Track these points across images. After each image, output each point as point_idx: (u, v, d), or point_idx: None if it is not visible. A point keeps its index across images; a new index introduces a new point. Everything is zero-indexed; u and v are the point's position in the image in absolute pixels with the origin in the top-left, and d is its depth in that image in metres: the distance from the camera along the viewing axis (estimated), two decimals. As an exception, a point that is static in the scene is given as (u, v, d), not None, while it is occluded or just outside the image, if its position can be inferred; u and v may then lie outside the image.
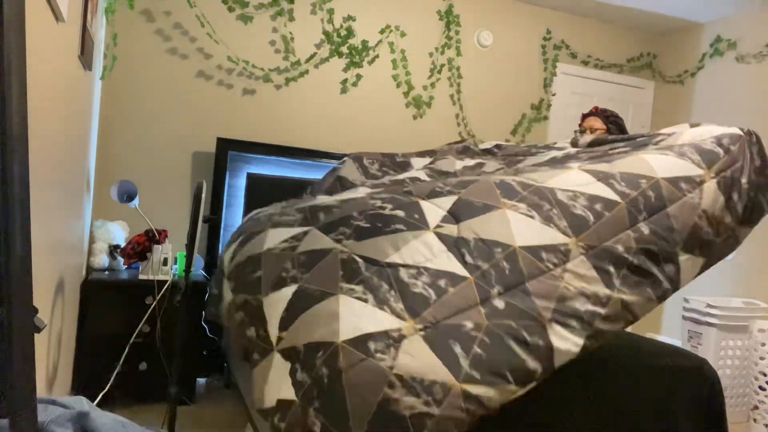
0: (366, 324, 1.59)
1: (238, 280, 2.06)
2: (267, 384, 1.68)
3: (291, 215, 2.25)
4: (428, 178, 2.84)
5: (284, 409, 1.57)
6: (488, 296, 1.68)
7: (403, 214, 1.95)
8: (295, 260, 1.91)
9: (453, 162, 2.96)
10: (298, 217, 2.22)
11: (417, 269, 1.75)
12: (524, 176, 2.08)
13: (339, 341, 1.56)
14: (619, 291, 1.77)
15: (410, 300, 1.66)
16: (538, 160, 2.58)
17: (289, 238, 2.06)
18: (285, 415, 1.56)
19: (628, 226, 1.87)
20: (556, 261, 1.77)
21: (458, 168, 2.89)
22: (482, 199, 1.95)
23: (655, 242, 1.88)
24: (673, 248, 1.90)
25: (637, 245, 1.85)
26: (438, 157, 3.07)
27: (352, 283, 1.73)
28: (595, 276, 1.77)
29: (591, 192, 1.94)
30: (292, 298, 1.77)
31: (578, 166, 2.10)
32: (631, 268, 1.82)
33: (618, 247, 1.82)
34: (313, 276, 1.80)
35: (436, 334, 1.58)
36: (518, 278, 1.72)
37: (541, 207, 1.89)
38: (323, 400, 1.50)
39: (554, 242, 1.81)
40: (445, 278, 1.72)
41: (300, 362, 1.62)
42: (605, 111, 3.10)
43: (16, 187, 0.64)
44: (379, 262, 1.79)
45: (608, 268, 1.79)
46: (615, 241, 1.83)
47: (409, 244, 1.84)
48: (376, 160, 3.06)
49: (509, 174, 2.31)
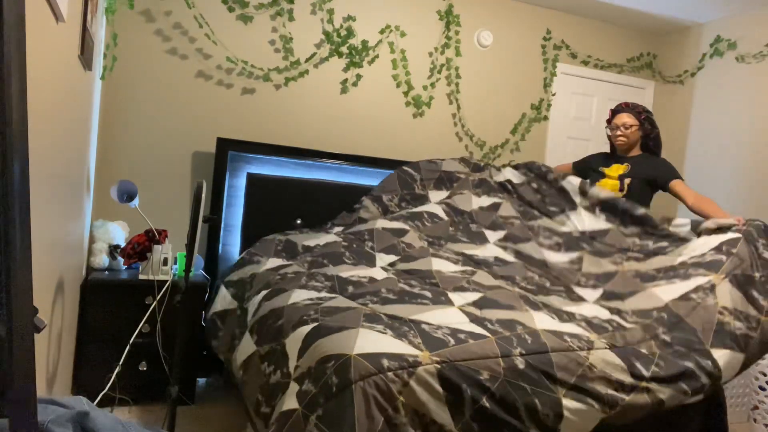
0: (383, 346, 1.63)
1: (261, 333, 2.10)
2: (276, 411, 1.67)
3: (319, 282, 2.34)
4: (445, 215, 3.06)
5: (283, 420, 1.56)
6: (510, 354, 1.71)
7: (430, 295, 2.10)
8: (319, 310, 1.99)
9: (470, 199, 3.12)
10: (326, 284, 2.31)
11: (439, 326, 1.83)
12: (542, 298, 2.27)
13: (353, 353, 1.57)
14: (649, 383, 1.83)
15: (430, 339, 1.71)
16: (552, 226, 2.80)
17: (315, 298, 2.15)
18: (283, 426, 1.54)
19: (649, 338, 2.00)
20: (581, 345, 1.85)
21: (475, 208, 3.08)
22: (507, 301, 2.10)
23: (678, 342, 1.98)
24: (701, 345, 1.98)
25: (660, 350, 1.96)
26: (455, 191, 3.22)
27: (374, 323, 1.79)
28: (622, 365, 1.83)
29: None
30: (311, 331, 1.81)
31: (594, 300, 2.31)
32: (659, 365, 1.89)
33: (642, 349, 1.93)
34: (334, 319, 1.87)
35: (450, 372, 1.59)
36: (541, 347, 1.77)
37: (561, 316, 2.09)
38: (327, 409, 1.48)
39: (578, 333, 1.93)
40: (465, 333, 1.78)
41: (309, 376, 1.61)
42: (636, 107, 3.09)
43: (17, 186, 0.64)
44: (402, 318, 1.88)
45: (636, 364, 1.86)
46: (638, 344, 1.95)
47: (434, 311, 1.95)
48: (395, 194, 3.23)
49: (523, 233, 2.76)
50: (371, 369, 1.52)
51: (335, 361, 1.56)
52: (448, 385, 1.57)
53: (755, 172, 3.80)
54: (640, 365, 1.85)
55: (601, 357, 1.81)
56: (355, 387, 1.48)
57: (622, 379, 1.79)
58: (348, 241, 2.86)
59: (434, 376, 1.57)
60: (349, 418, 1.44)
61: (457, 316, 1.92)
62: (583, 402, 1.70)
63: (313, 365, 1.63)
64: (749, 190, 3.82)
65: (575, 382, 1.72)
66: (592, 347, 1.84)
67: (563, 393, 1.69)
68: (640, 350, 1.91)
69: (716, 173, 4.06)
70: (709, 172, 4.12)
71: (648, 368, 1.85)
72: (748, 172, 3.84)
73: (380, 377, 1.51)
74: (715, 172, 4.07)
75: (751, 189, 3.81)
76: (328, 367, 1.56)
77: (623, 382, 1.79)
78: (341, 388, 1.49)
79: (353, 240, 2.89)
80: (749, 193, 3.82)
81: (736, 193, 3.90)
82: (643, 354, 1.90)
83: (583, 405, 1.70)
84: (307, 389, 1.57)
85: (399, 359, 1.57)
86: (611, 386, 1.77)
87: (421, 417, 1.53)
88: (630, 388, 1.79)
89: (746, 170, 3.85)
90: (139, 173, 3.24)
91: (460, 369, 1.60)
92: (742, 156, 3.89)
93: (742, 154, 3.89)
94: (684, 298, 2.10)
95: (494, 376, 1.63)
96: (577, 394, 1.71)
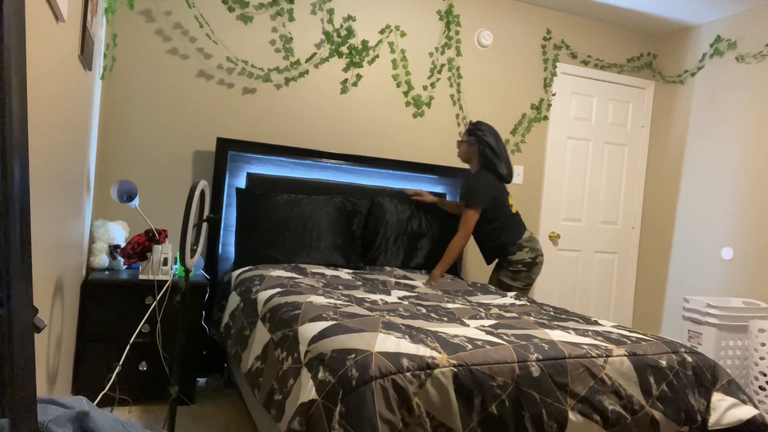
0: (402, 348, 1.66)
1: (274, 321, 2.12)
2: (290, 399, 1.67)
3: (335, 296, 2.40)
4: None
5: (303, 411, 1.55)
6: (526, 359, 1.73)
7: (446, 319, 2.15)
8: (338, 312, 2.04)
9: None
10: (343, 298, 2.37)
11: (456, 335, 1.86)
12: (558, 323, 2.29)
13: (374, 350, 1.60)
14: (653, 406, 1.86)
15: (447, 344, 1.74)
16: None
17: (332, 304, 2.20)
18: (305, 417, 1.54)
19: (670, 351, 2.06)
20: (599, 353, 1.87)
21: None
22: (523, 325, 2.14)
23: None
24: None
25: (679, 366, 2.03)
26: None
27: (391, 330, 1.83)
28: (635, 378, 1.86)
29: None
30: (330, 326, 1.84)
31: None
32: (671, 385, 1.94)
33: (662, 362, 1.96)
34: (353, 321, 1.92)
35: (466, 375, 1.61)
36: (558, 353, 1.79)
37: (578, 331, 2.14)
38: (348, 404, 1.47)
39: (597, 343, 1.95)
40: (482, 341, 1.81)
41: (324, 364, 1.61)
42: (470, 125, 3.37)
43: (17, 186, 0.64)
44: (418, 327, 1.92)
45: (650, 378, 1.90)
46: (658, 357, 1.99)
47: (450, 326, 2.00)
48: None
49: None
50: (391, 368, 1.53)
51: (356, 354, 1.57)
52: (462, 390, 1.58)
53: (755, 171, 3.80)
54: (653, 380, 1.88)
55: (617, 367, 1.84)
56: (375, 384, 1.48)
57: (631, 394, 1.82)
58: (360, 279, 2.98)
59: (450, 379, 1.58)
60: (370, 416, 1.43)
61: (474, 331, 1.96)
62: (589, 417, 1.73)
63: (327, 353, 1.64)
64: (749, 190, 3.82)
65: (586, 394, 1.74)
66: (611, 354, 1.87)
67: (571, 405, 1.71)
68: (660, 362, 1.94)
69: (716, 173, 4.06)
70: (708, 172, 4.12)
71: (659, 385, 1.88)
72: (748, 171, 3.84)
73: (399, 376, 1.52)
74: (715, 172, 4.07)
75: (751, 189, 3.81)
76: (349, 359, 1.56)
77: (632, 399, 1.82)
78: (361, 383, 1.49)
79: (365, 279, 3.00)
80: (749, 193, 3.82)
81: (736, 194, 3.90)
82: (661, 367, 1.93)
83: (588, 420, 1.72)
84: (324, 379, 1.56)
85: (418, 360, 1.59)
86: (620, 402, 1.79)
87: (432, 419, 1.54)
88: (636, 410, 1.82)
89: (746, 170, 3.85)
90: (139, 173, 3.24)
91: (475, 373, 1.61)
92: (742, 156, 3.89)
93: (742, 154, 3.89)
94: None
95: (507, 383, 1.64)
96: (585, 408, 1.73)
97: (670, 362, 1.96)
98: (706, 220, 4.10)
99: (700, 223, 4.15)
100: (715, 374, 2.04)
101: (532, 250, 3.21)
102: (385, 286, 2.85)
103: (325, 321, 1.89)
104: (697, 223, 4.16)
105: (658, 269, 4.46)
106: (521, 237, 3.23)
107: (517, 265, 3.20)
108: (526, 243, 3.22)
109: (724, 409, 1.99)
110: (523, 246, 3.21)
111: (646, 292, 4.55)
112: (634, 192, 4.63)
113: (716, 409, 1.99)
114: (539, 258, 3.23)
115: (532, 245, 3.23)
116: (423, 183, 3.86)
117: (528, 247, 3.21)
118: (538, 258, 3.22)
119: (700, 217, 4.15)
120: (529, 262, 3.20)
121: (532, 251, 3.21)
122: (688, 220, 4.24)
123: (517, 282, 3.22)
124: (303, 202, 3.26)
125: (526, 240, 3.23)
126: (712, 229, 4.05)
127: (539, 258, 3.23)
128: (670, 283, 4.35)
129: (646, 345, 2.01)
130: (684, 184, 4.30)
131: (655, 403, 1.86)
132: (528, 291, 3.29)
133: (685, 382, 1.96)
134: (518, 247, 3.20)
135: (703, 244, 4.11)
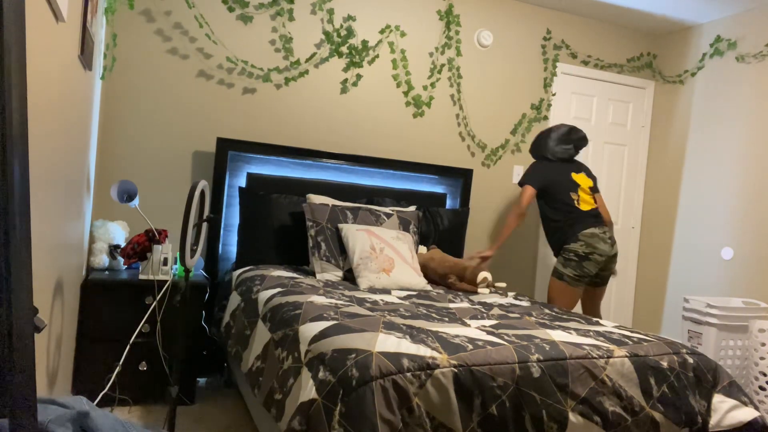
0: (403, 348, 1.66)
1: (274, 320, 2.13)
2: (290, 398, 1.67)
3: (336, 296, 2.41)
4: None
5: (303, 410, 1.55)
6: (527, 360, 1.73)
7: (447, 319, 2.16)
8: (339, 312, 2.05)
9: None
10: (344, 298, 2.39)
11: (457, 335, 1.86)
12: (560, 324, 2.29)
13: (375, 350, 1.60)
14: (653, 407, 1.86)
15: (448, 345, 1.74)
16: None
17: (333, 304, 2.22)
18: (305, 417, 1.54)
19: (672, 352, 2.07)
20: (600, 353, 1.87)
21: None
22: (524, 325, 2.15)
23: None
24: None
25: (680, 368, 2.05)
26: None
27: (392, 330, 1.83)
28: (636, 379, 1.87)
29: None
30: (331, 326, 1.84)
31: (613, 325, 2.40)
32: (672, 387, 1.95)
33: (663, 363, 1.97)
34: (354, 321, 1.93)
35: (466, 376, 1.61)
36: (559, 354, 1.79)
37: (579, 331, 2.14)
38: (348, 404, 1.47)
39: (598, 344, 1.96)
40: (483, 341, 1.81)
41: (324, 364, 1.61)
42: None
43: (17, 186, 0.64)
44: (419, 327, 1.93)
45: (650, 380, 1.90)
46: (659, 359, 2.00)
47: (452, 326, 2.01)
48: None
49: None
50: (392, 368, 1.53)
51: (357, 354, 1.58)
52: (462, 390, 1.58)
53: (755, 171, 3.79)
54: (654, 381, 1.88)
55: (618, 368, 1.84)
56: (375, 384, 1.48)
57: (632, 395, 1.82)
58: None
59: (450, 379, 1.58)
60: (370, 416, 1.43)
61: (475, 331, 1.96)
62: (589, 418, 1.73)
63: (327, 352, 1.64)
64: (749, 190, 3.82)
65: (586, 395, 1.74)
66: (612, 355, 1.87)
67: (572, 406, 1.71)
68: (661, 364, 1.94)
69: (716, 173, 4.06)
70: (709, 172, 4.12)
71: (660, 386, 1.88)
72: (748, 171, 3.84)
73: (400, 377, 1.52)
74: (715, 172, 4.07)
75: (751, 189, 3.81)
76: (349, 358, 1.56)
77: (632, 400, 1.82)
78: (361, 383, 1.49)
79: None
80: (749, 193, 3.82)
81: (737, 194, 3.90)
82: (662, 368, 1.93)
83: (588, 421, 1.72)
84: (324, 378, 1.56)
85: (419, 360, 1.59)
86: (620, 403, 1.79)
87: (432, 419, 1.54)
88: (636, 412, 1.82)
89: (746, 170, 3.85)
90: (139, 173, 3.24)
91: (475, 374, 1.61)
92: (743, 156, 3.89)
93: (743, 154, 3.89)
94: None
95: (507, 383, 1.64)
96: (585, 409, 1.73)
97: (671, 363, 1.96)
98: (706, 220, 4.10)
99: (700, 223, 4.15)
100: (716, 376, 2.04)
101: (588, 245, 3.37)
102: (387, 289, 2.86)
103: (325, 321, 1.90)
104: (697, 223, 4.16)
105: (658, 269, 4.45)
106: (582, 231, 3.41)
107: (569, 253, 3.42)
108: (585, 237, 3.39)
109: (724, 411, 1.99)
110: (580, 239, 3.40)
111: (646, 292, 4.55)
112: (634, 192, 4.63)
113: (717, 410, 1.99)
114: (594, 255, 3.37)
115: (591, 242, 3.38)
116: (423, 183, 3.86)
117: (585, 242, 3.38)
118: (593, 255, 3.37)
119: (700, 217, 4.14)
120: (582, 255, 3.38)
121: (588, 246, 3.38)
122: (688, 220, 4.24)
123: (567, 269, 3.41)
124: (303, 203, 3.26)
125: (586, 235, 3.40)
126: (712, 229, 4.05)
127: (594, 255, 3.37)
128: (670, 283, 4.34)
129: (648, 346, 2.01)
130: (684, 184, 4.30)
131: (655, 404, 1.86)
132: (580, 282, 3.40)
133: (686, 383, 1.95)
134: (576, 239, 3.41)
135: (703, 244, 4.11)
